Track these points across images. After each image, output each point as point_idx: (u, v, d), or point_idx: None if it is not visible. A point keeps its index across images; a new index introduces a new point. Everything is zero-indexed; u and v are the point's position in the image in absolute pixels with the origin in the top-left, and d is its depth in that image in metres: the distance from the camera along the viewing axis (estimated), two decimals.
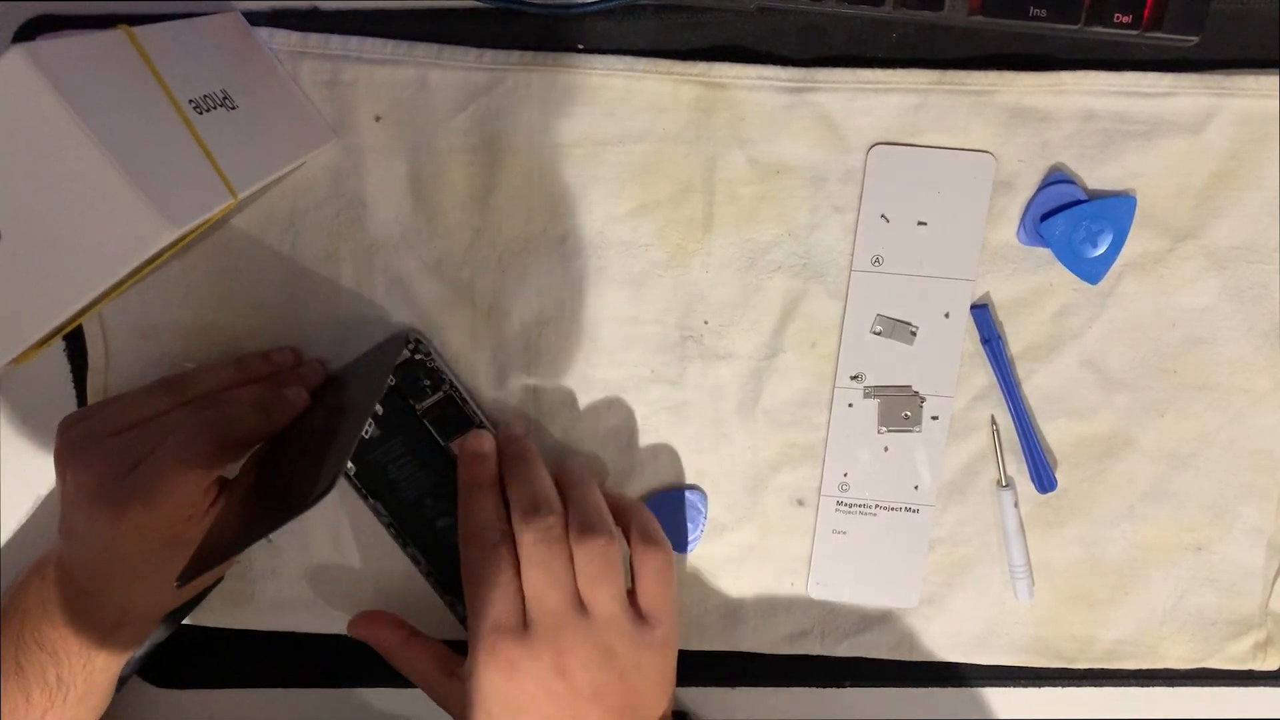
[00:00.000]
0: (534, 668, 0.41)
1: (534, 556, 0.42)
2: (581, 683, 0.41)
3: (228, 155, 0.37)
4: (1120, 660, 0.51)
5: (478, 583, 0.42)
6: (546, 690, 0.41)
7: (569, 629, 0.41)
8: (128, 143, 0.32)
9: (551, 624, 0.41)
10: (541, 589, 0.41)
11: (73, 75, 0.31)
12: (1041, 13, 0.42)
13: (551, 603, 0.41)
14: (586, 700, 0.41)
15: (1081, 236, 0.46)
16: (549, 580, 0.41)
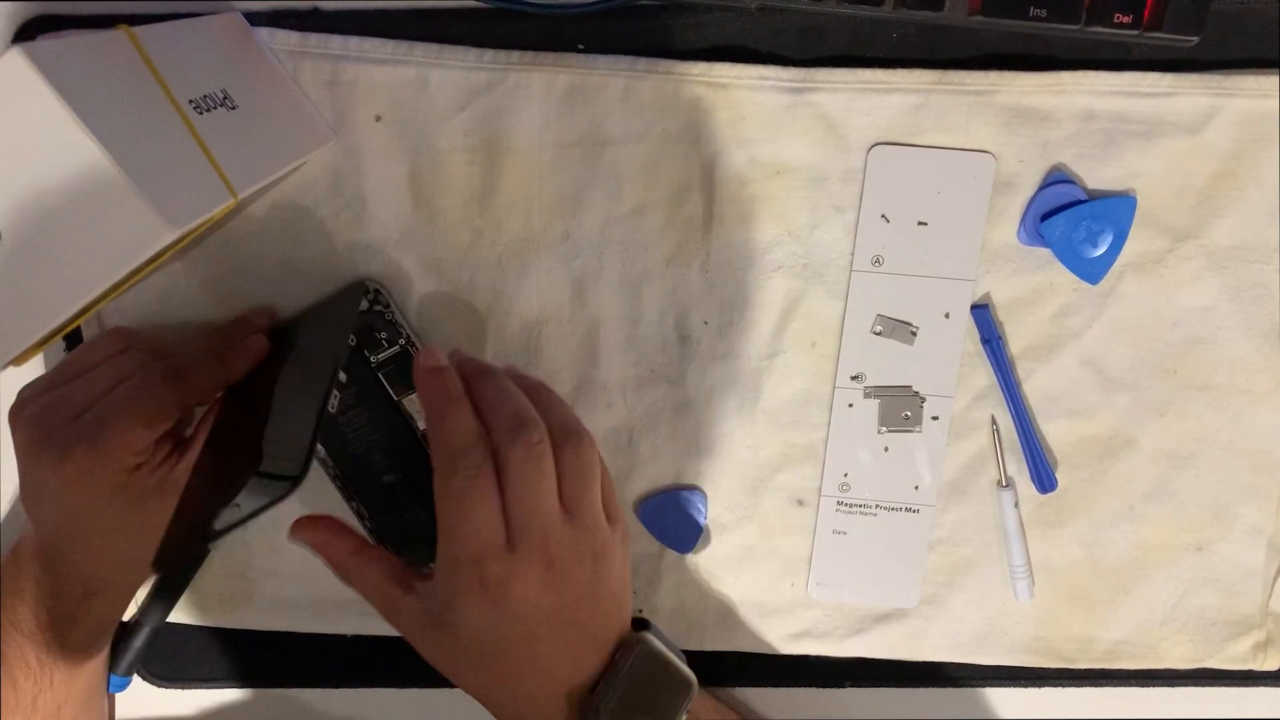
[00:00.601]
0: (523, 585, 0.39)
1: (523, 474, 0.39)
2: (570, 593, 0.40)
3: (228, 155, 0.37)
4: (1120, 660, 0.51)
5: (459, 507, 0.39)
6: (534, 605, 0.39)
7: (556, 540, 0.40)
8: (128, 143, 0.32)
9: (539, 539, 0.39)
10: (530, 505, 0.39)
11: (73, 75, 0.31)
12: (1041, 13, 0.42)
13: (540, 517, 0.39)
14: (573, 609, 0.40)
15: (1082, 236, 0.45)
16: (538, 496, 0.40)
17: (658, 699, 0.42)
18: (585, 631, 0.41)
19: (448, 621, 0.40)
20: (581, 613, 0.41)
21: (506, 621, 0.39)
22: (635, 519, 0.50)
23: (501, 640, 0.40)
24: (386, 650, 0.52)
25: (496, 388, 0.42)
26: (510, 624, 0.39)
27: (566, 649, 0.41)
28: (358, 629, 0.52)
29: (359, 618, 0.51)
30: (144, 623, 0.50)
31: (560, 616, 0.40)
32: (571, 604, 0.40)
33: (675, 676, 0.43)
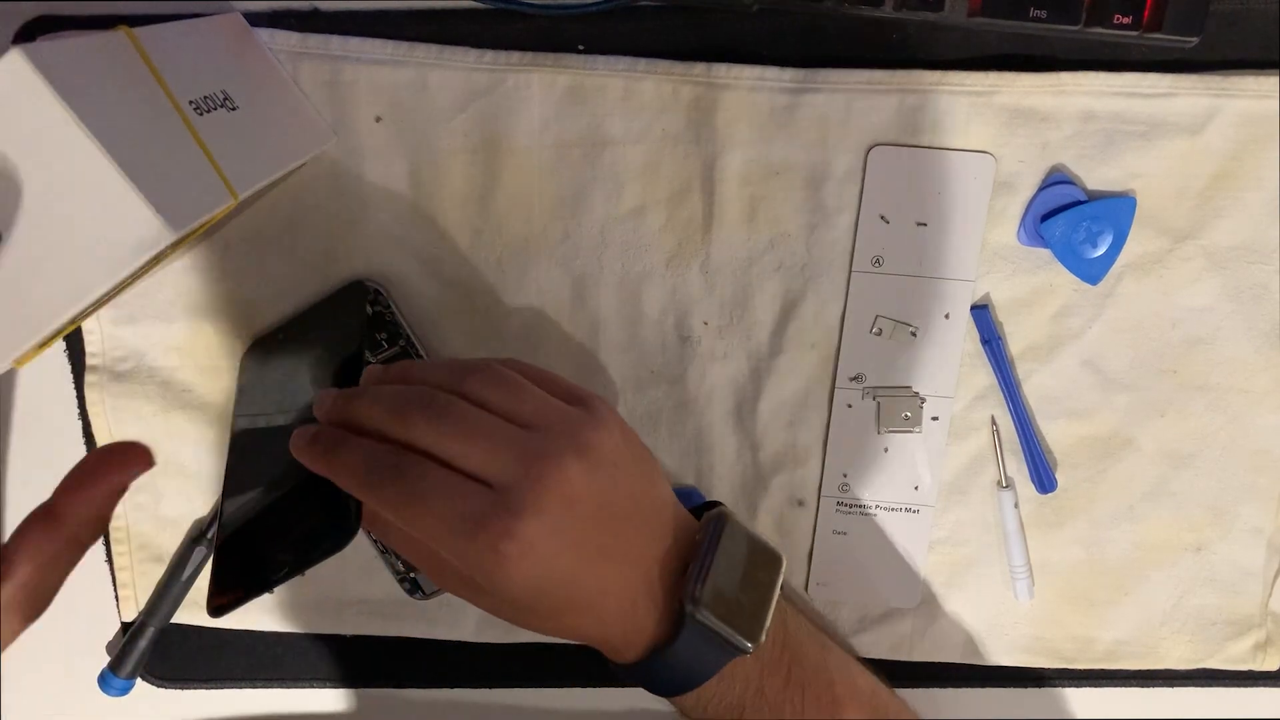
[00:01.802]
0: (534, 526, 0.35)
1: (451, 436, 0.36)
2: (585, 499, 0.36)
3: (228, 156, 0.37)
4: (1120, 660, 0.51)
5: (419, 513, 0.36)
6: (559, 534, 0.36)
7: (536, 457, 0.36)
8: (128, 144, 0.32)
9: (518, 468, 0.36)
10: (482, 451, 0.36)
11: (73, 76, 0.31)
12: (1041, 13, 0.42)
13: (502, 451, 0.36)
14: (598, 514, 0.37)
15: (1081, 237, 0.46)
16: (481, 437, 0.36)
17: (753, 575, 0.40)
18: (631, 526, 0.39)
19: (491, 590, 0.37)
20: (614, 510, 0.38)
21: (543, 568, 0.36)
22: None
23: (550, 586, 0.37)
24: (386, 650, 0.52)
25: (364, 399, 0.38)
26: (548, 567, 0.36)
27: (623, 555, 0.38)
28: (358, 629, 0.52)
29: (359, 618, 0.51)
30: (149, 624, 0.50)
31: (592, 528, 0.37)
32: (595, 508, 0.37)
33: (763, 550, 0.42)
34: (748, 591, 0.40)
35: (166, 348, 0.48)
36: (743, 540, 0.41)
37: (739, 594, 0.40)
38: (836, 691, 0.44)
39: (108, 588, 0.51)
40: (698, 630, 0.39)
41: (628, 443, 0.39)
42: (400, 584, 0.50)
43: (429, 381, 0.38)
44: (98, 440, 0.49)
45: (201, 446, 0.49)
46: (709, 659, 0.40)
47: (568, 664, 0.52)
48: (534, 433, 0.37)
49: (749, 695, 0.41)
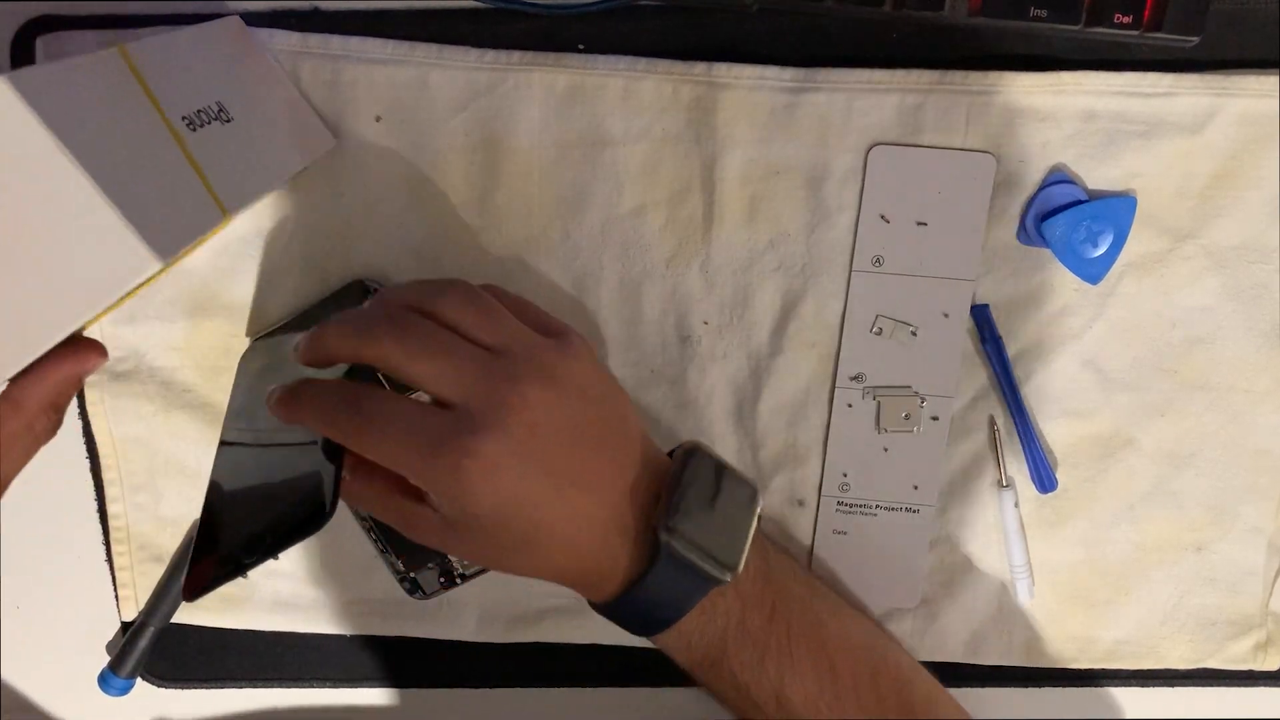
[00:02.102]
0: (499, 448, 0.35)
1: (414, 358, 0.36)
2: (552, 423, 0.37)
3: (221, 172, 0.37)
4: (1120, 660, 0.51)
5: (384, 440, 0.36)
6: (525, 458, 0.36)
7: (502, 380, 0.36)
8: (116, 171, 0.32)
9: (482, 391, 0.36)
10: (447, 373, 0.36)
11: (60, 103, 0.31)
12: (1041, 13, 0.42)
13: (467, 373, 0.36)
14: (565, 438, 0.37)
15: (1082, 237, 0.45)
16: (445, 358, 0.36)
17: (728, 505, 0.40)
18: (602, 452, 0.39)
19: (459, 523, 0.37)
20: (582, 436, 0.38)
21: (511, 490, 0.36)
22: None
23: (525, 507, 0.37)
24: (386, 650, 0.52)
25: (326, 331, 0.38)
26: (516, 490, 0.36)
27: (593, 480, 0.38)
28: (358, 629, 0.52)
29: (359, 618, 0.51)
30: (149, 624, 0.50)
31: (560, 450, 0.37)
32: (563, 431, 0.37)
33: (738, 481, 0.41)
34: (723, 521, 0.40)
35: (166, 348, 0.48)
36: (717, 471, 0.41)
37: (714, 523, 0.39)
38: (827, 633, 0.43)
39: (108, 588, 0.51)
40: (673, 559, 0.38)
41: (598, 374, 0.40)
42: (400, 584, 0.50)
43: (401, 302, 0.38)
44: (98, 440, 0.49)
45: (201, 446, 0.49)
46: (687, 590, 0.39)
47: (568, 664, 0.52)
48: (500, 357, 0.37)
49: (731, 630, 0.41)
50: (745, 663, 0.42)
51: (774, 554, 0.44)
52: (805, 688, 0.42)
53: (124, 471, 0.50)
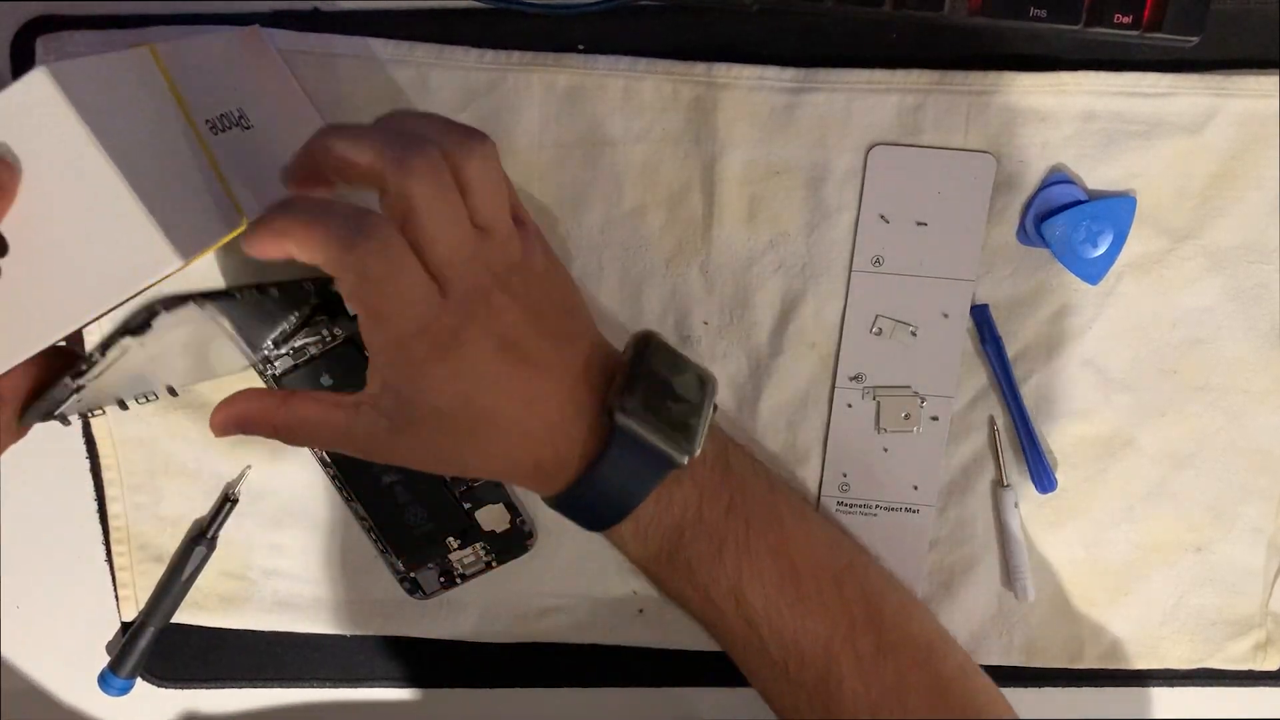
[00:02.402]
0: (475, 328, 0.36)
1: (428, 210, 0.34)
2: (518, 311, 0.37)
3: (240, 177, 0.37)
4: (1120, 660, 0.51)
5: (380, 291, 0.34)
6: (494, 338, 0.36)
7: (485, 266, 0.36)
8: (145, 168, 0.32)
9: (469, 272, 0.35)
10: (448, 243, 0.35)
11: (95, 97, 0.31)
12: (1041, 13, 0.42)
13: (461, 251, 0.35)
14: (528, 325, 0.37)
15: (1081, 237, 0.45)
16: (451, 228, 0.35)
17: (683, 390, 0.39)
18: (565, 342, 0.39)
19: (417, 413, 0.36)
20: (550, 323, 0.38)
21: (476, 372, 0.36)
22: None
23: (485, 395, 0.37)
24: (386, 650, 0.52)
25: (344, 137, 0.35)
26: (480, 371, 0.36)
27: (548, 362, 0.38)
28: (358, 629, 0.52)
29: (359, 618, 0.51)
30: (149, 624, 0.50)
31: (530, 334, 0.37)
32: (527, 318, 0.37)
33: (694, 368, 0.41)
34: (678, 404, 0.39)
35: None
36: (671, 357, 0.40)
37: (668, 405, 0.38)
38: (789, 533, 0.42)
39: (108, 588, 0.51)
40: (627, 438, 0.38)
41: (553, 263, 0.40)
42: (400, 584, 0.50)
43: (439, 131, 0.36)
44: (98, 440, 0.49)
45: (201, 446, 0.49)
46: (642, 473, 0.39)
47: (568, 664, 0.52)
48: (486, 240, 0.36)
49: (688, 520, 0.40)
50: (702, 556, 0.41)
51: (735, 450, 0.43)
52: (765, 586, 0.41)
53: (124, 471, 0.50)
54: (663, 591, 0.43)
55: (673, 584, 0.42)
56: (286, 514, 0.50)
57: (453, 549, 0.50)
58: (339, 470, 0.49)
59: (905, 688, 0.41)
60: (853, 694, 0.41)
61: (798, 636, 0.41)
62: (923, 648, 0.43)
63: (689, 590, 0.42)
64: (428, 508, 0.49)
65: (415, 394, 0.36)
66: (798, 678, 0.41)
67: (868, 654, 0.41)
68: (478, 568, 0.50)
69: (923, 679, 0.42)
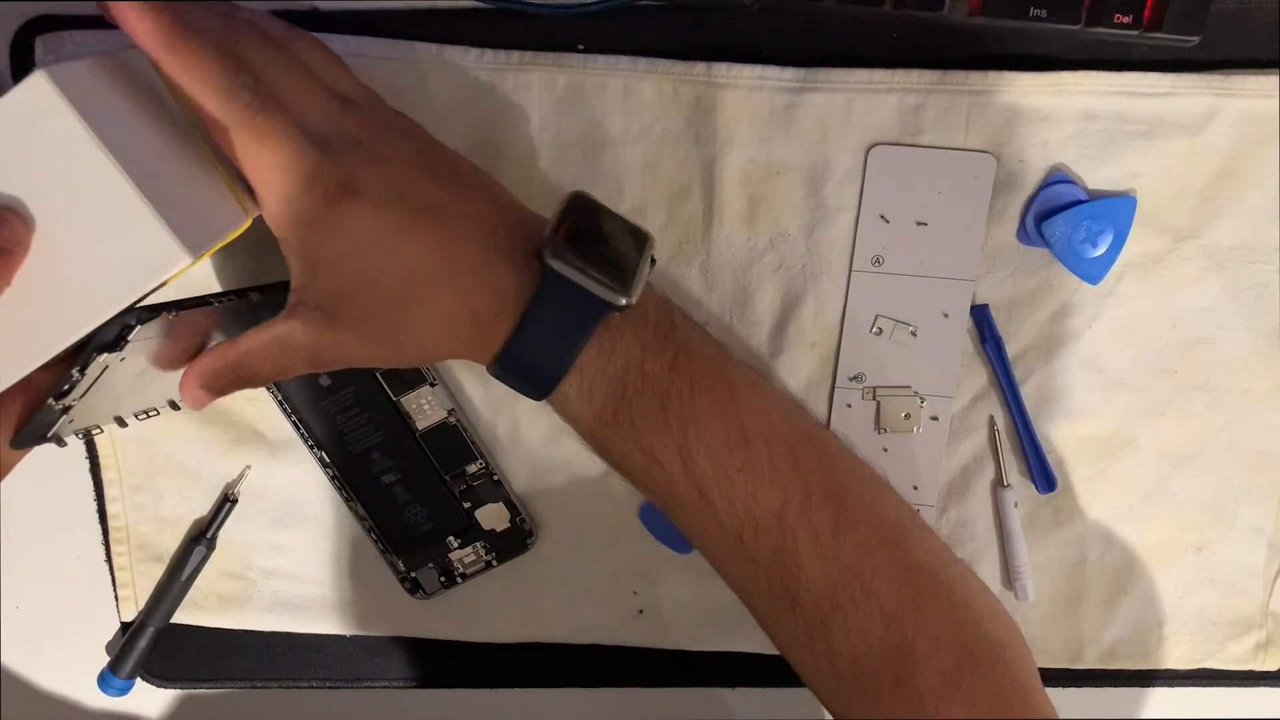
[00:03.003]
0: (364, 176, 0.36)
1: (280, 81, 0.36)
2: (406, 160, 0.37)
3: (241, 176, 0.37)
4: (1120, 660, 0.51)
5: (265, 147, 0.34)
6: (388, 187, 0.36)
7: (355, 121, 0.37)
8: (148, 167, 0.32)
9: (340, 127, 0.36)
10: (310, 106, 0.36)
11: (95, 98, 0.31)
12: (1041, 13, 0.42)
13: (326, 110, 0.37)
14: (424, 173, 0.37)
15: (1082, 237, 0.45)
16: (308, 93, 0.36)
17: (617, 239, 0.38)
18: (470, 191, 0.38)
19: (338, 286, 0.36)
20: (448, 176, 0.38)
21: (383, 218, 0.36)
22: (636, 519, 0.50)
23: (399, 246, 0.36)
24: (386, 650, 0.52)
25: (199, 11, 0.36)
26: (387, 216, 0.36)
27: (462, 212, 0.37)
28: (358, 629, 0.52)
29: (359, 618, 0.51)
30: (149, 624, 0.50)
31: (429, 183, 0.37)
32: (428, 169, 0.38)
33: (626, 223, 0.39)
34: (612, 250, 0.37)
35: None
36: (605, 212, 0.39)
37: (601, 250, 0.37)
38: (737, 395, 0.40)
39: (108, 588, 0.51)
40: (560, 282, 0.36)
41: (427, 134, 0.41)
42: (400, 584, 0.50)
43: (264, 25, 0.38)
44: (97, 441, 0.49)
45: (201, 446, 0.49)
46: (579, 318, 0.37)
47: (568, 664, 0.52)
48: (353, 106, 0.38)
49: (630, 373, 0.38)
50: (646, 413, 0.39)
51: (680, 314, 0.42)
52: (711, 444, 0.39)
53: (124, 471, 0.50)
54: (612, 462, 0.41)
55: (620, 447, 0.40)
56: (286, 514, 0.50)
57: (453, 548, 0.50)
58: (339, 470, 0.49)
59: (869, 567, 0.39)
60: (810, 570, 0.39)
61: (749, 505, 0.39)
62: (890, 527, 0.41)
63: (636, 454, 0.40)
64: (428, 507, 0.49)
65: (327, 262, 0.36)
66: (752, 550, 0.40)
67: (826, 529, 0.39)
68: (478, 567, 0.50)
69: (889, 559, 0.39)
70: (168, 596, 0.50)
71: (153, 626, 0.50)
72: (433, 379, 0.48)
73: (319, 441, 0.48)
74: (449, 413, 0.48)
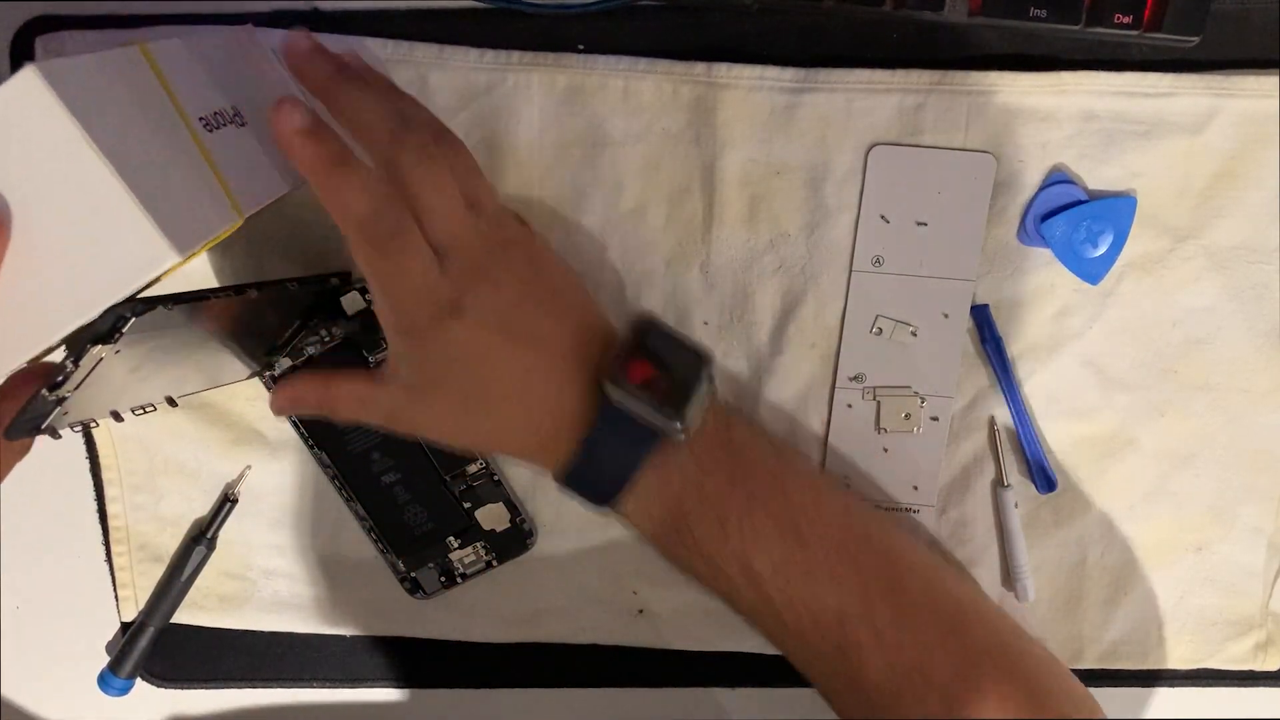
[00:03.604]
0: (474, 296, 0.38)
1: (426, 186, 0.37)
2: (516, 282, 0.39)
3: (236, 174, 0.37)
4: (1120, 660, 0.51)
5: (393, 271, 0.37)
6: (492, 308, 0.38)
7: (479, 238, 0.39)
8: (138, 164, 0.32)
9: (464, 246, 0.38)
10: (444, 219, 0.38)
11: (86, 94, 0.31)
12: (1041, 13, 0.42)
13: (456, 225, 0.38)
14: (527, 297, 0.39)
15: (1082, 237, 0.45)
16: (447, 206, 0.38)
17: (677, 364, 0.40)
18: (559, 317, 0.40)
19: (424, 381, 0.39)
20: (544, 299, 0.40)
21: (478, 338, 0.38)
22: None
23: (485, 362, 0.39)
24: (386, 650, 0.52)
25: (354, 91, 0.38)
26: (481, 338, 0.38)
27: (550, 340, 0.40)
28: (358, 629, 0.52)
29: (359, 618, 0.51)
30: (149, 624, 0.50)
31: (525, 308, 0.39)
32: (526, 290, 0.39)
33: (687, 344, 0.41)
34: (670, 378, 0.39)
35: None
36: (667, 335, 0.40)
37: (660, 380, 0.39)
38: (793, 503, 0.41)
39: (108, 588, 0.51)
40: (617, 414, 0.39)
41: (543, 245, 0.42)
42: (400, 584, 0.50)
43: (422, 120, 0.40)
44: (97, 440, 0.49)
45: (201, 446, 0.49)
46: (634, 446, 0.39)
47: (568, 664, 0.52)
48: (481, 219, 0.39)
49: (688, 492, 0.40)
50: (706, 528, 0.40)
51: (739, 424, 0.43)
52: (771, 554, 0.40)
53: (124, 471, 0.50)
54: (675, 566, 0.42)
55: (682, 557, 0.42)
56: (286, 514, 0.50)
57: (453, 549, 0.50)
58: (339, 470, 0.49)
59: (930, 661, 0.40)
60: (874, 667, 0.40)
61: (810, 605, 0.40)
62: (949, 614, 0.41)
63: (699, 563, 0.41)
64: (428, 507, 0.49)
65: (422, 361, 0.39)
66: (818, 647, 0.41)
67: (887, 625, 0.40)
68: (478, 567, 0.50)
69: (949, 650, 0.40)
70: (168, 597, 0.50)
71: (153, 626, 0.50)
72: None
73: (319, 442, 0.48)
74: None
